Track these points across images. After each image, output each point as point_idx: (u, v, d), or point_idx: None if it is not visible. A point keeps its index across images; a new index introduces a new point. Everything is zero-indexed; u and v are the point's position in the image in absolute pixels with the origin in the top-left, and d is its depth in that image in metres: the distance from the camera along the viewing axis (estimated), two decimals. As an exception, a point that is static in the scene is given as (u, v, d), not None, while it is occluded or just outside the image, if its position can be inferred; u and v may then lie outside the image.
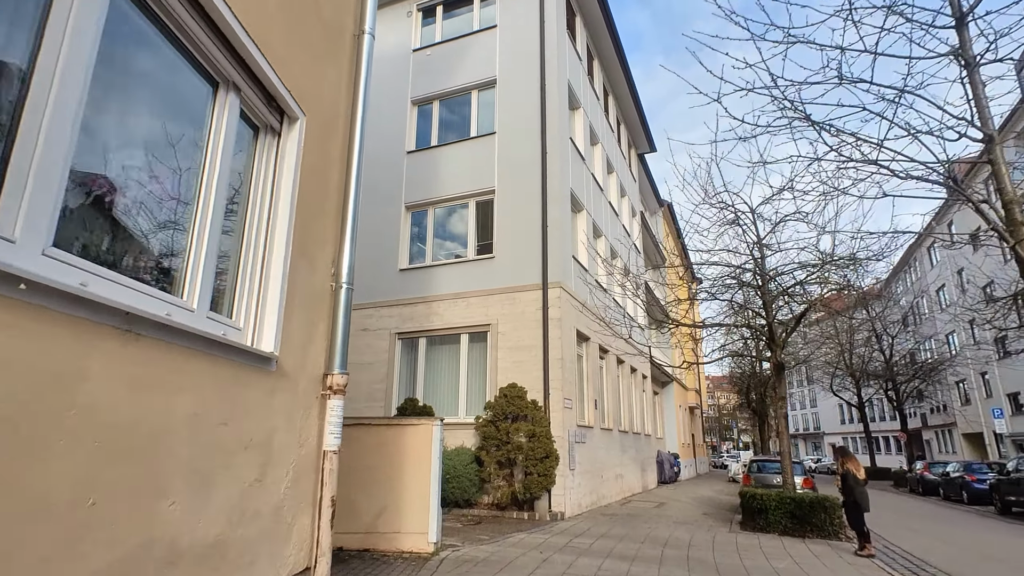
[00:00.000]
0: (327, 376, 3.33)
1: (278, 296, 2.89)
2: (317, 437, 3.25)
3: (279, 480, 2.80)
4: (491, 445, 11.17)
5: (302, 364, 3.07)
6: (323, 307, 3.38)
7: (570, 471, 11.62)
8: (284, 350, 2.89)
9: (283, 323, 2.91)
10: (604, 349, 15.67)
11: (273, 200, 3.04)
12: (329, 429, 3.27)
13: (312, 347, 3.20)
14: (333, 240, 3.55)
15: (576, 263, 13.86)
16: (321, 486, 3.18)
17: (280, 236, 3.00)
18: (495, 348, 12.54)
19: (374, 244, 14.63)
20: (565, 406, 11.84)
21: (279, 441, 2.83)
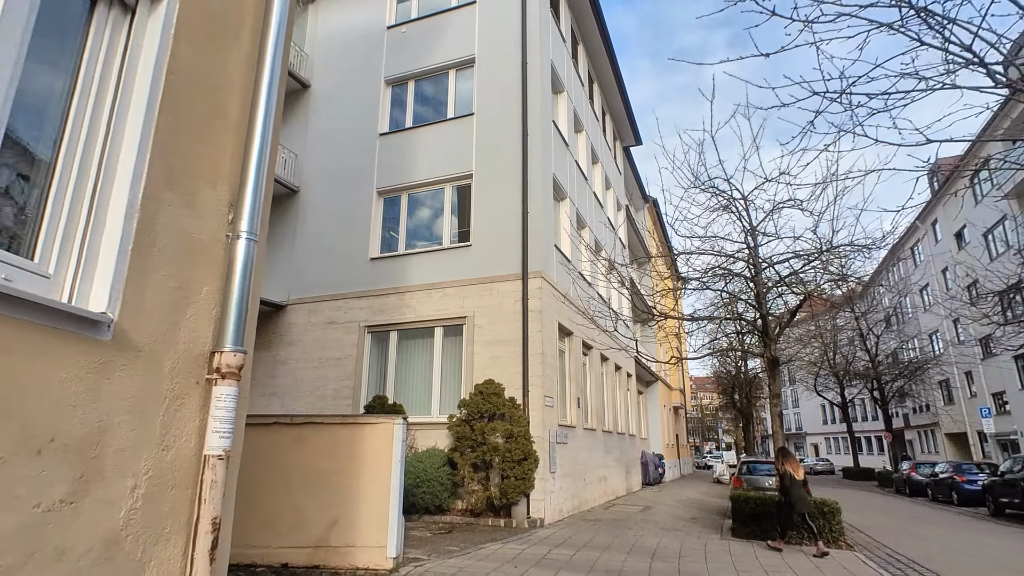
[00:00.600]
0: (215, 355, 2.45)
1: (119, 238, 2.02)
2: (195, 437, 2.37)
3: (116, 499, 1.93)
4: (465, 446, 10.32)
5: (169, 336, 2.19)
6: (210, 263, 2.50)
7: (550, 474, 10.81)
8: (131, 314, 2.02)
9: (129, 276, 2.04)
10: (588, 345, 14.90)
11: (118, 105, 2.17)
12: (215, 426, 2.40)
13: (188, 314, 2.33)
14: (230, 175, 2.68)
15: (558, 253, 13.07)
16: (198, 504, 2.30)
17: (127, 156, 2.13)
18: (471, 342, 11.69)
19: (342, 232, 13.72)
20: (546, 404, 11.03)
21: (118, 441, 1.96)
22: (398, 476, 6.47)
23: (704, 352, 11.21)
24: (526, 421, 10.52)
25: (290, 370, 13.20)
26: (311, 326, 13.35)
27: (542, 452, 10.54)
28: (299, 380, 13.03)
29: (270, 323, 13.77)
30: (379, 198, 13.80)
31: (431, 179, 13.24)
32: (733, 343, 11.74)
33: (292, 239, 14.30)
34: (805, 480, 8.70)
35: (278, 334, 13.64)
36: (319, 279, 13.60)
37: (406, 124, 14.09)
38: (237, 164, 2.73)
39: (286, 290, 13.90)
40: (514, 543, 8.30)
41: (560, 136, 14.34)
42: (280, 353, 13.46)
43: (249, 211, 2.67)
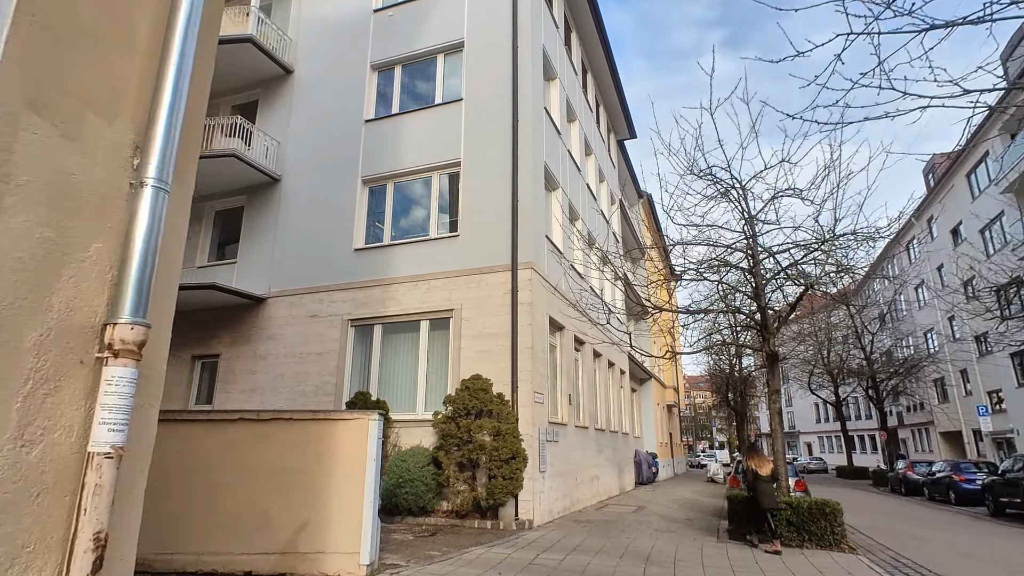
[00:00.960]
0: (108, 328, 1.95)
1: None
2: (78, 430, 1.87)
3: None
4: (451, 445, 9.84)
5: (33, 300, 1.69)
6: (103, 214, 2.01)
7: (540, 473, 10.35)
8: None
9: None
10: (580, 340, 14.44)
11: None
12: (103, 416, 1.92)
13: (66, 275, 1.84)
14: (136, 110, 2.18)
15: (550, 244, 12.60)
16: (77, 515, 1.81)
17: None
18: (458, 336, 11.21)
19: (326, 222, 13.20)
20: (535, 401, 10.57)
21: (-61, 436, 1.45)
22: (373, 476, 5.99)
23: (699, 347, 10.77)
24: (514, 418, 10.06)
25: (270, 365, 12.67)
26: (292, 320, 12.82)
27: (531, 451, 10.07)
28: (279, 376, 12.50)
29: (250, 317, 13.24)
30: (364, 187, 13.28)
31: (418, 167, 12.74)
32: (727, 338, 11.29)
33: (274, 230, 13.76)
34: (775, 477, 8.65)
35: (258, 328, 13.10)
36: (301, 271, 13.08)
37: (392, 110, 13.57)
38: (146, 99, 2.23)
39: (267, 283, 13.37)
40: (500, 547, 7.83)
41: (552, 124, 13.87)
42: (260, 348, 12.92)
43: (159, 155, 2.18)
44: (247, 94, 15.46)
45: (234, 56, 14.26)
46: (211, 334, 13.52)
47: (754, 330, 10.52)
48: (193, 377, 13.60)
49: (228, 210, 14.86)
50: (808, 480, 19.58)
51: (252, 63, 14.49)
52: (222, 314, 13.46)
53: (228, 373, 13.05)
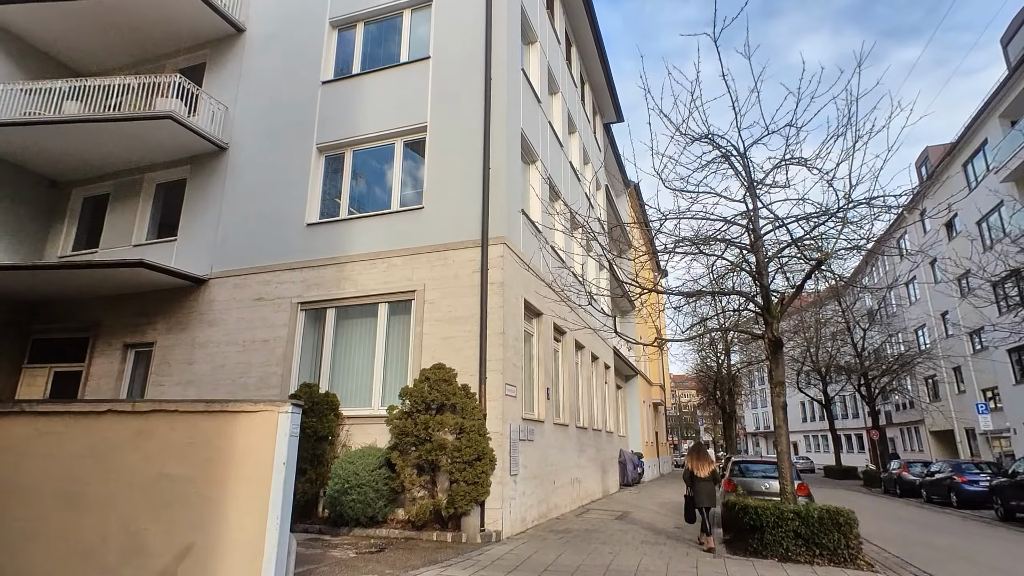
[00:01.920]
0: None
1: None
2: None
3: None
4: (407, 444, 8.49)
5: None
6: None
7: (511, 477, 9.04)
8: None
9: None
10: (560, 329, 13.16)
11: None
12: None
13: None
14: None
15: (526, 219, 11.29)
16: None
17: None
18: (420, 320, 9.86)
19: (276, 195, 11.77)
20: (507, 394, 9.25)
21: None
22: (281, 485, 4.62)
23: (693, 333, 9.51)
24: (481, 414, 8.74)
25: (210, 355, 11.21)
26: (236, 303, 11.37)
27: (501, 451, 8.76)
28: (220, 367, 11.05)
29: (189, 301, 11.77)
30: (320, 156, 11.86)
31: (380, 133, 11.35)
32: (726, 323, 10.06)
33: (219, 204, 12.29)
34: (715, 476, 8.94)
35: (198, 313, 11.63)
36: (247, 249, 11.63)
37: (353, 70, 12.16)
38: None
39: (209, 262, 11.90)
40: (458, 566, 6.51)
41: (531, 89, 12.56)
42: (199, 335, 11.45)
43: None
44: (194, 55, 13.97)
45: (178, 11, 12.77)
46: (145, 320, 12.03)
47: (754, 315, 9.31)
48: (125, 368, 12.08)
49: (171, 183, 13.35)
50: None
51: (198, 20, 13.01)
52: (158, 298, 11.98)
53: (163, 364, 11.57)
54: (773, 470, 10.85)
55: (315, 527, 8.65)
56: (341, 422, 9.61)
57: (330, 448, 9.26)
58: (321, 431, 9.05)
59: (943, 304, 28.97)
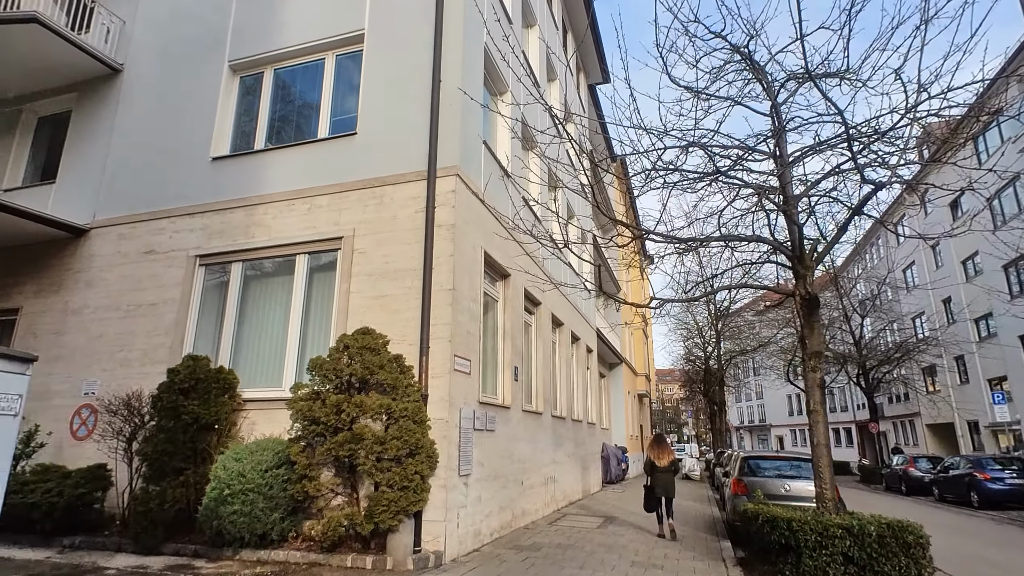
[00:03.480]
0: None
1: None
2: None
3: None
4: (315, 434, 6.21)
5: None
6: None
7: (460, 478, 6.82)
8: None
9: None
10: (533, 299, 10.96)
11: None
12: None
13: None
14: None
15: (489, 153, 9.03)
16: None
17: None
18: (347, 276, 7.59)
19: (175, 124, 9.41)
20: (457, 369, 7.02)
21: None
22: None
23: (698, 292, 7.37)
24: (419, 394, 6.50)
25: (85, 323, 8.81)
26: (120, 259, 8.98)
27: (446, 444, 6.54)
28: (96, 337, 8.66)
29: (64, 257, 9.34)
30: (233, 76, 9.50)
31: (306, 44, 9.02)
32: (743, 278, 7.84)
33: (108, 138, 9.86)
34: (675, 466, 8.96)
35: (73, 272, 9.22)
36: (139, 192, 9.25)
37: (275, -29, 9.78)
38: None
39: (91, 209, 9.48)
40: (360, 618, 4.27)
41: (501, 5, 10.27)
42: (74, 299, 9.04)
43: None
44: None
45: None
46: (11, 281, 9.57)
47: (780, 267, 7.19)
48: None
49: (57, 117, 10.85)
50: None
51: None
52: (27, 255, 9.54)
53: (28, 335, 9.13)
54: (795, 468, 8.78)
55: (189, 548, 6.34)
56: (239, 407, 7.33)
57: (222, 441, 6.96)
58: (206, 417, 6.74)
59: (944, 290, 27.36)
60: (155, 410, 6.83)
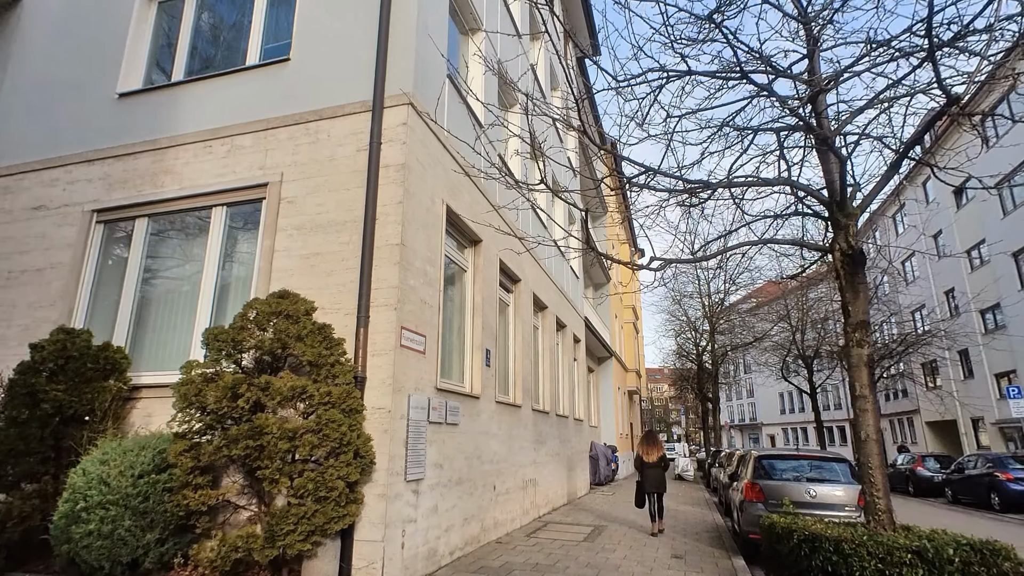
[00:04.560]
0: None
1: None
2: None
3: None
4: (206, 425, 4.66)
5: None
6: None
7: (407, 484, 5.31)
8: None
9: None
10: (512, 275, 9.48)
11: None
12: None
13: None
14: None
15: (453, 88, 7.51)
16: None
17: None
18: (272, 230, 6.06)
19: (78, 55, 7.81)
20: (405, 345, 5.51)
21: None
22: None
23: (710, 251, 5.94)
24: (351, 375, 4.99)
25: (-43, 293, 7.18)
26: (4, 216, 7.38)
27: (388, 440, 5.04)
28: (-30, 311, 7.04)
29: (-59, 213, 7.69)
30: (150, 1, 7.91)
31: (234, -41, 7.45)
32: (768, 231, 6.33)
33: (1, 73, 8.23)
34: (666, 463, 8.89)
35: (-51, 231, 7.57)
36: (31, 135, 7.63)
37: None
38: None
39: (-24, 157, 7.84)
40: None
41: (471, -73, 8.76)
42: (-53, 264, 7.40)
43: None
44: None
45: None
46: None
47: (812, 217, 5.74)
48: None
49: (-50, 56, 9.17)
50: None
51: None
52: (-102, 211, 7.86)
53: None
54: (818, 469, 7.36)
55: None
56: (130, 394, 5.77)
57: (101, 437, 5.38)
58: (74, 407, 5.18)
59: (947, 281, 26.24)
60: (8, 397, 5.24)
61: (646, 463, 8.77)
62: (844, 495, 6.73)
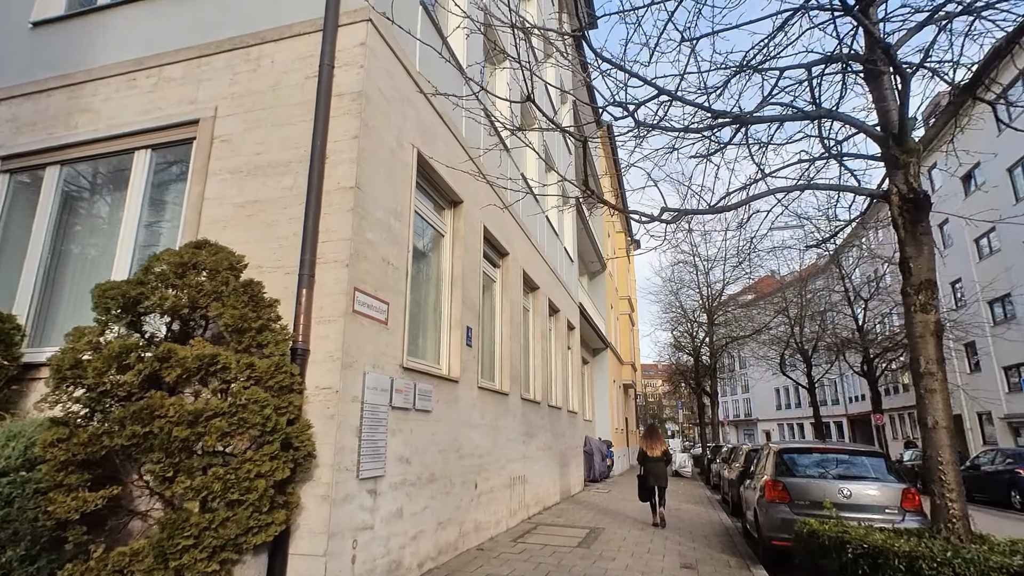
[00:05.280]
0: None
1: None
2: None
3: None
4: (84, 404, 3.57)
5: None
6: None
7: (360, 483, 4.27)
8: None
9: None
10: (499, 247, 8.43)
11: None
12: None
13: None
14: None
15: (428, 20, 6.44)
16: None
17: None
18: (202, 175, 4.98)
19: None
20: (359, 311, 4.46)
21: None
22: None
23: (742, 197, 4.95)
24: (287, 344, 3.94)
25: None
26: None
27: (334, 427, 4.00)
28: None
29: None
30: (75, -82, 6.78)
31: None
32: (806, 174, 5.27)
33: (-96, 7, 7.07)
34: (668, 457, 8.95)
35: None
36: (-68, 74, 6.49)
37: None
38: None
39: None
40: None
41: None
42: None
43: None
44: None
45: None
46: None
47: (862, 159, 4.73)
48: None
49: None
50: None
51: None
52: None
53: None
54: (847, 465, 6.35)
55: None
56: (20, 373, 4.68)
57: (-22, 424, 4.30)
58: (-64, 386, 4.07)
59: (953, 271, 25.44)
60: None
61: (649, 457, 8.84)
62: (883, 495, 5.75)
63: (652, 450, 8.86)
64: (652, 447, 8.90)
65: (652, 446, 8.91)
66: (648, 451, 8.87)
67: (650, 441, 8.99)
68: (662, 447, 8.92)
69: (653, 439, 9.00)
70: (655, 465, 8.77)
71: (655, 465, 8.77)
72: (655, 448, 8.87)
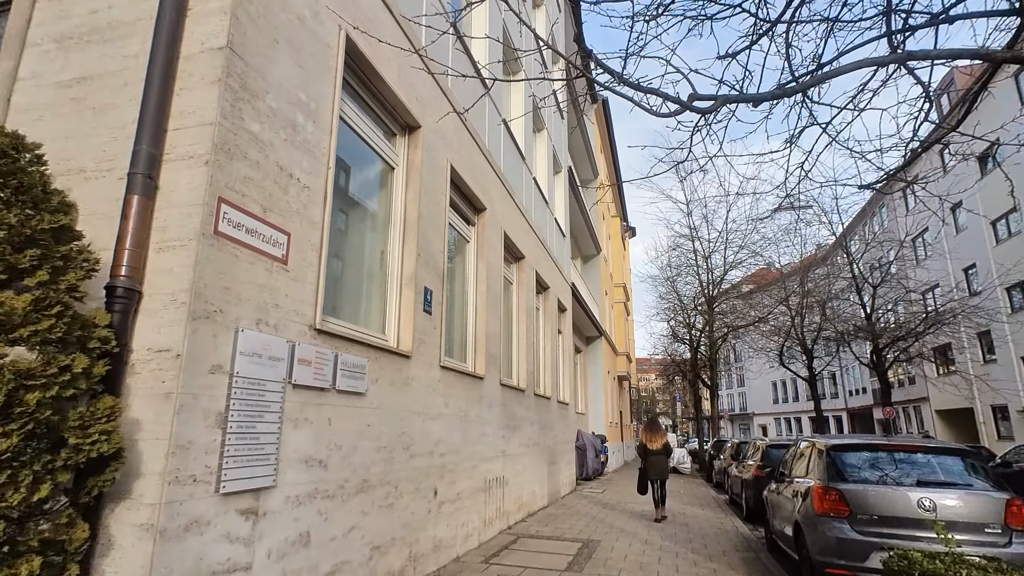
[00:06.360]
0: None
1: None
2: None
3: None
4: None
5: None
6: None
7: (221, 499, 2.71)
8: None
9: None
10: (472, 200, 6.88)
11: None
12: None
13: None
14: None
15: None
16: None
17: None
18: (16, 45, 3.39)
19: None
20: (224, 232, 2.89)
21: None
22: None
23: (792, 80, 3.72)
24: (86, 269, 2.36)
25: None
26: None
27: (170, 412, 2.44)
28: None
29: None
30: None
31: None
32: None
33: None
34: (668, 449, 8.99)
35: None
36: None
37: None
38: None
39: None
40: None
41: None
42: None
43: None
44: None
45: None
46: None
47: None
48: None
49: None
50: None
51: None
52: None
53: None
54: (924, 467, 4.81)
55: None
56: None
57: None
58: None
59: (967, 256, 24.11)
60: None
61: (650, 450, 8.89)
62: (979, 508, 4.27)
63: (653, 443, 8.92)
64: (653, 440, 8.95)
65: (653, 439, 8.96)
66: (649, 444, 8.93)
67: (651, 434, 9.05)
68: (663, 440, 9.01)
69: (654, 432, 9.08)
70: (656, 458, 8.86)
71: (656, 458, 8.86)
72: (656, 441, 8.94)
